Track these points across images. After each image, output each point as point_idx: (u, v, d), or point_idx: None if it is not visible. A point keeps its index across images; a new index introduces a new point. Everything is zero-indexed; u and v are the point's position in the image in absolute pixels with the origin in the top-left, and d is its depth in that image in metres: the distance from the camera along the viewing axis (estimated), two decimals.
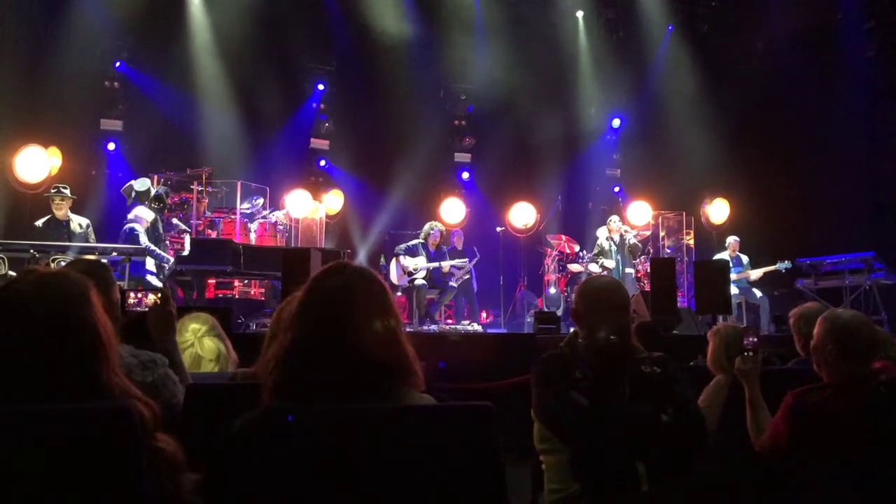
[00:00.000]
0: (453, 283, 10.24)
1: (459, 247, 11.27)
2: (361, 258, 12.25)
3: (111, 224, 9.60)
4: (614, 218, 11.06)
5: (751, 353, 3.27)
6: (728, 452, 3.31)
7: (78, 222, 8.51)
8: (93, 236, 8.57)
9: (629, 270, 10.78)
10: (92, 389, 1.85)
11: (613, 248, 10.77)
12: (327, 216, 12.30)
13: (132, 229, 8.53)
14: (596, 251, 10.95)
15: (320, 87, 13.03)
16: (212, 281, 9.62)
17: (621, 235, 10.77)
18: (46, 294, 1.89)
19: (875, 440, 2.81)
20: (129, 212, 8.83)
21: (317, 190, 12.42)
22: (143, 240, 8.45)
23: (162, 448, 1.92)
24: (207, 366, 3.44)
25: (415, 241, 10.29)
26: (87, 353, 1.87)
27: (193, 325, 3.52)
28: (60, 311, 1.87)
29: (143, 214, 8.76)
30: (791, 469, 2.97)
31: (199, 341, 3.49)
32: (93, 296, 1.95)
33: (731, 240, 11.24)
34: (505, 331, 10.89)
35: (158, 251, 8.62)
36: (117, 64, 11.42)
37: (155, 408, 1.92)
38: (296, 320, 1.94)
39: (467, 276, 10.95)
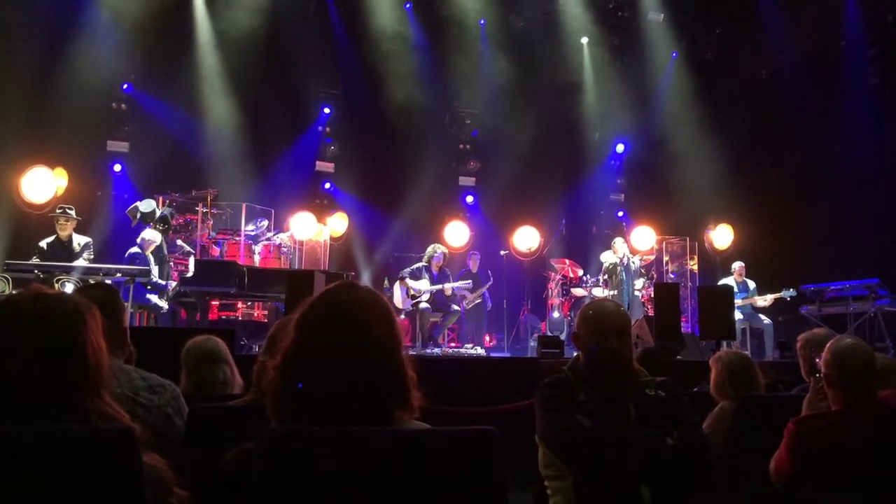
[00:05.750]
0: (455, 307, 10.19)
1: (474, 269, 11.11)
2: (365, 281, 12.23)
3: (116, 244, 9.62)
4: (618, 240, 11.08)
5: None
6: (733, 479, 3.28)
7: (77, 241, 8.50)
8: (89, 254, 8.49)
9: (637, 293, 10.77)
10: (68, 410, 1.81)
11: (622, 269, 10.71)
12: (332, 238, 12.34)
13: (134, 255, 8.58)
14: (605, 276, 10.92)
15: (326, 110, 13.11)
16: (215, 302, 9.63)
17: (628, 258, 10.76)
18: (40, 307, 1.86)
19: (880, 468, 2.78)
20: (134, 233, 8.85)
21: (321, 212, 12.47)
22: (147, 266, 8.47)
23: (150, 469, 1.89)
24: None
25: (418, 265, 10.27)
26: (70, 373, 1.84)
27: None
28: (52, 327, 1.84)
29: (149, 237, 8.78)
30: (798, 498, 2.94)
31: None
32: (89, 317, 1.92)
33: (737, 265, 11.05)
34: (508, 355, 10.86)
35: (160, 282, 8.66)
36: (125, 86, 11.52)
37: (139, 430, 1.88)
38: (299, 327, 1.89)
39: (479, 301, 10.89)
